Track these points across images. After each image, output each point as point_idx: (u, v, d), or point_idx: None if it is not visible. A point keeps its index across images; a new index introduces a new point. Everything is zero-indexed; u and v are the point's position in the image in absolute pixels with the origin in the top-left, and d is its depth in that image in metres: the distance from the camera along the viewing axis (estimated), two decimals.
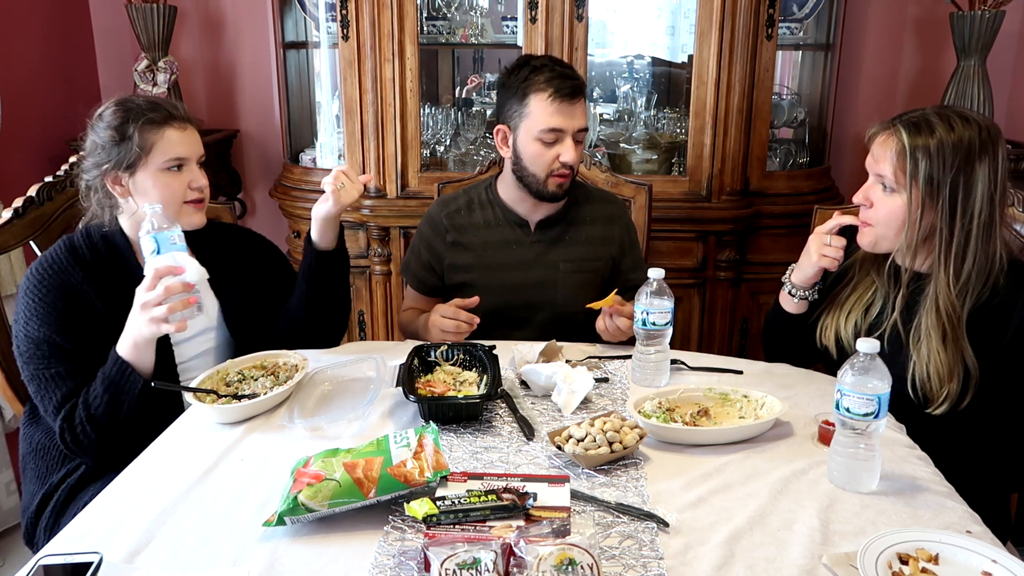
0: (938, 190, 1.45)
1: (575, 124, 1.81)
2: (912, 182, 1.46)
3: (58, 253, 1.59)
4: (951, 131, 1.44)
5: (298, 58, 3.09)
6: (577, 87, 1.80)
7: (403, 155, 2.67)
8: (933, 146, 1.44)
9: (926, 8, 3.04)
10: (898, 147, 1.47)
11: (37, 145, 2.80)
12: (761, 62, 2.58)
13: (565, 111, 1.79)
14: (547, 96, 1.78)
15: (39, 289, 1.54)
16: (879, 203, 1.52)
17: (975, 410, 1.49)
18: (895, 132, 1.48)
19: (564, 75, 1.80)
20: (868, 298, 1.63)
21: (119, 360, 1.46)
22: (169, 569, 1.05)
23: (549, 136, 1.81)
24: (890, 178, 1.48)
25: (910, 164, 1.45)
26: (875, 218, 1.53)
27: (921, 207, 1.46)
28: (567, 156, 1.81)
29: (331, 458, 1.18)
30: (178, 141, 1.59)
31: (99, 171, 1.58)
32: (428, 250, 1.98)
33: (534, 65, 1.83)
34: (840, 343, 1.64)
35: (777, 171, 2.80)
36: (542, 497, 1.14)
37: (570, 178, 1.86)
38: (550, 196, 1.87)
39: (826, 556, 1.06)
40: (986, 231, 1.46)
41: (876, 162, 1.51)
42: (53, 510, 1.54)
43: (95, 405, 1.46)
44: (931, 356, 1.48)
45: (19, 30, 2.76)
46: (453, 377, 1.59)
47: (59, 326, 1.51)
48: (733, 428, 1.38)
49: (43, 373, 1.51)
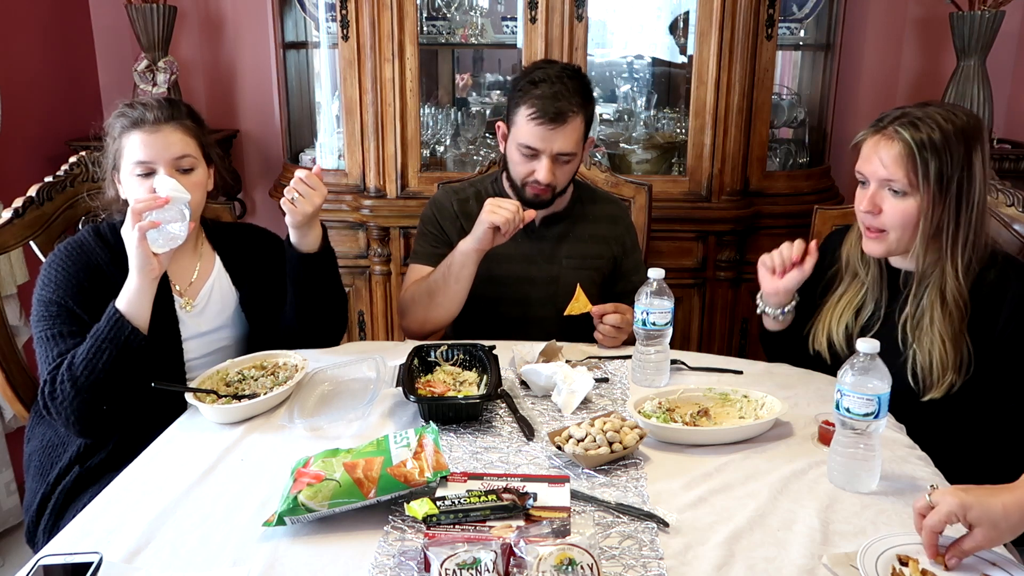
0: (947, 185, 1.45)
1: (552, 147, 1.79)
2: (924, 182, 1.45)
3: (86, 236, 1.61)
4: (948, 123, 1.44)
5: (298, 58, 3.09)
6: (560, 113, 1.77)
7: (403, 155, 2.67)
8: (939, 141, 1.43)
9: (926, 8, 3.03)
10: (904, 149, 1.45)
11: (37, 145, 2.80)
12: (761, 62, 2.58)
13: (541, 134, 1.78)
14: (528, 115, 1.78)
15: (64, 262, 1.55)
16: (891, 209, 1.49)
17: (965, 398, 1.51)
18: (894, 135, 1.46)
19: (555, 96, 1.77)
20: (858, 300, 1.64)
21: (111, 309, 1.47)
22: (169, 569, 1.05)
23: (526, 151, 1.81)
24: (902, 181, 1.46)
25: (920, 163, 1.44)
26: (889, 223, 1.50)
27: (932, 205, 1.46)
28: (539, 175, 1.81)
29: (331, 458, 1.18)
30: (142, 145, 1.55)
31: (103, 170, 1.62)
32: (437, 228, 1.97)
33: (533, 78, 1.81)
34: (832, 347, 1.64)
35: (777, 171, 2.80)
36: (542, 497, 1.14)
37: (549, 192, 1.86)
38: (527, 202, 1.87)
39: (826, 556, 1.06)
40: (983, 217, 1.49)
41: (881, 167, 1.48)
42: (53, 510, 1.54)
43: (79, 355, 1.45)
44: (935, 345, 1.49)
45: (19, 30, 2.76)
46: (453, 377, 1.59)
47: (75, 293, 1.52)
48: (733, 428, 1.38)
49: (47, 332, 1.50)
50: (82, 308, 1.51)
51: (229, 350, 1.70)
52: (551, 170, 1.81)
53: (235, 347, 1.72)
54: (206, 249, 1.73)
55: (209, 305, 1.68)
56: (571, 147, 1.82)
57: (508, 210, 1.72)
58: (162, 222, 1.48)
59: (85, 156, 1.87)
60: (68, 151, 2.56)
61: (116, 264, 1.56)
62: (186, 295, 1.65)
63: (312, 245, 1.69)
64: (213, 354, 1.68)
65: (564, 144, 1.80)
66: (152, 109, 1.58)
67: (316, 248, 1.70)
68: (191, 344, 1.64)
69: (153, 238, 1.47)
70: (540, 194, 1.85)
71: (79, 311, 1.51)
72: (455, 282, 1.80)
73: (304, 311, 1.72)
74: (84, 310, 1.51)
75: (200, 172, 1.62)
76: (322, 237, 1.71)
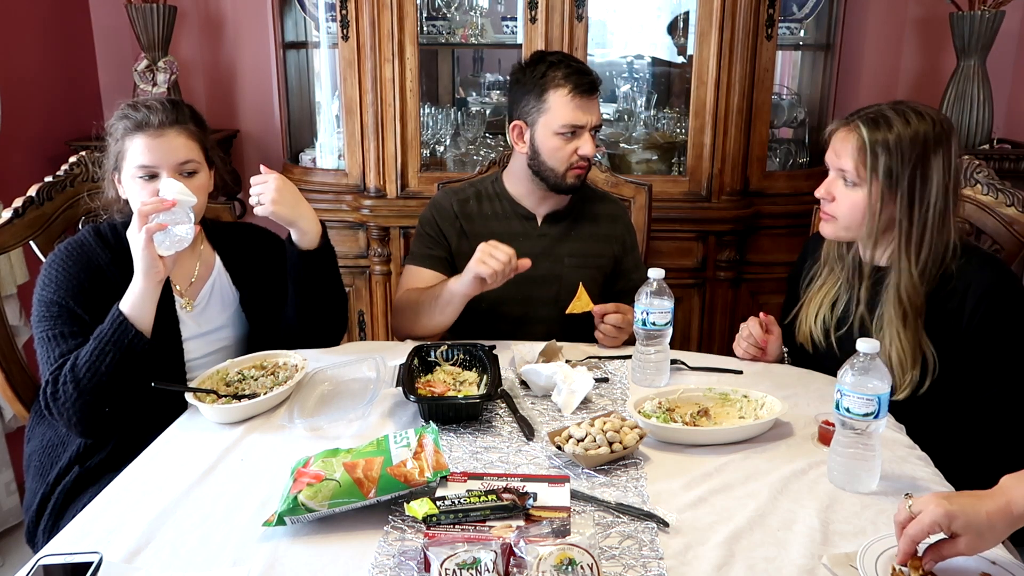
0: (897, 183, 1.51)
1: (593, 119, 1.85)
2: (872, 176, 1.52)
3: (86, 237, 1.61)
4: (907, 126, 1.51)
5: (298, 58, 3.08)
6: (594, 83, 1.84)
7: (403, 155, 2.67)
8: (892, 141, 1.50)
9: (926, 8, 3.03)
10: (858, 143, 1.52)
11: (37, 145, 2.80)
12: (761, 62, 2.58)
13: (584, 107, 1.82)
14: (566, 92, 1.81)
15: (65, 262, 1.55)
16: (841, 197, 1.57)
17: (935, 395, 1.53)
18: (855, 128, 1.53)
19: (581, 71, 1.83)
20: (833, 293, 1.69)
21: (115, 311, 1.46)
22: (169, 569, 1.05)
23: (568, 131, 1.83)
24: (852, 172, 1.54)
25: (870, 158, 1.51)
26: (838, 211, 1.58)
27: (881, 199, 1.53)
28: (585, 149, 1.84)
29: (331, 458, 1.18)
30: (146, 149, 1.54)
31: (103, 170, 1.62)
32: (435, 230, 1.97)
33: (550, 61, 1.84)
34: (812, 338, 1.70)
35: (777, 171, 2.80)
36: (542, 497, 1.14)
37: (587, 169, 1.90)
38: (568, 188, 1.90)
39: (826, 556, 1.06)
40: (941, 220, 1.53)
41: (837, 157, 1.56)
42: (53, 510, 1.54)
43: (82, 356, 1.45)
44: (893, 344, 1.53)
45: (19, 30, 2.76)
46: (453, 377, 1.59)
47: (76, 293, 1.52)
48: (733, 428, 1.38)
49: (48, 333, 1.50)
50: (83, 308, 1.51)
51: (229, 350, 1.70)
52: (593, 142, 1.85)
53: (235, 347, 1.72)
54: (206, 249, 1.73)
55: (209, 305, 1.68)
56: (601, 118, 1.89)
57: (499, 260, 1.68)
58: (168, 224, 1.48)
59: (85, 156, 1.87)
60: (68, 151, 2.56)
61: (117, 264, 1.56)
62: (186, 295, 1.65)
63: (312, 242, 1.69)
64: (213, 354, 1.68)
65: (599, 114, 1.88)
66: (156, 112, 1.56)
67: (316, 245, 1.69)
68: (191, 344, 1.64)
69: (159, 240, 1.47)
70: (582, 173, 1.89)
71: (80, 311, 1.51)
72: (439, 313, 1.81)
73: (305, 310, 1.72)
74: (85, 310, 1.51)
75: (203, 176, 1.61)
76: (322, 235, 1.71)
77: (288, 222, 1.66)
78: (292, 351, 1.63)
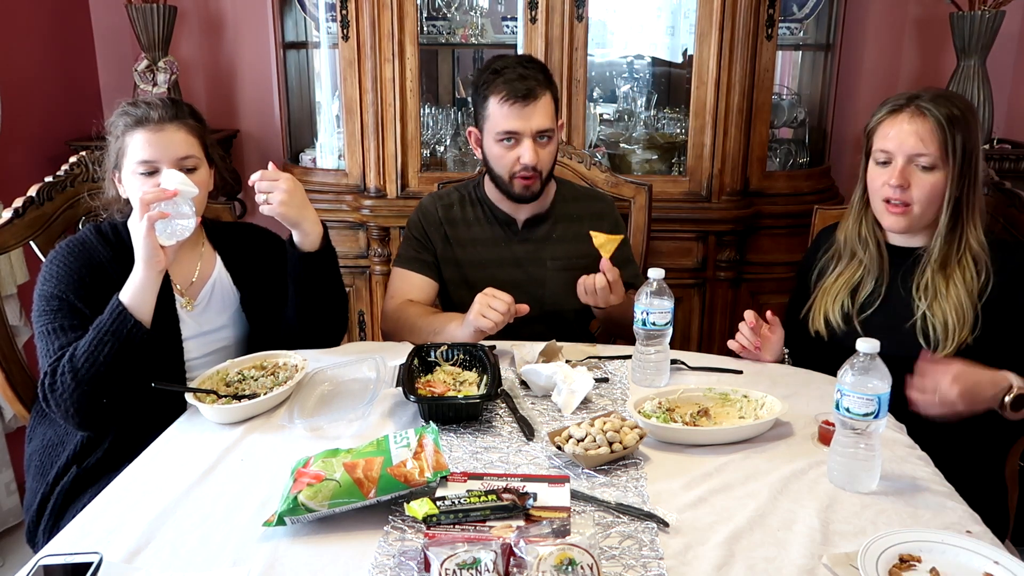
0: (969, 158, 1.54)
1: (530, 126, 1.79)
2: (952, 156, 1.53)
3: (87, 235, 1.61)
4: (955, 104, 1.55)
5: (298, 58, 3.09)
6: (531, 89, 1.77)
7: (403, 155, 2.67)
8: (961, 119, 1.53)
9: (926, 8, 3.03)
10: (935, 124, 1.53)
11: (37, 145, 2.80)
12: (761, 62, 2.58)
13: (518, 113, 1.78)
14: (500, 98, 1.78)
15: (66, 258, 1.55)
16: (919, 183, 1.57)
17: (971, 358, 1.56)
18: (923, 111, 1.55)
19: (522, 76, 1.78)
20: (855, 280, 1.70)
21: (115, 301, 1.46)
22: (169, 569, 1.05)
23: (506, 138, 1.81)
24: (933, 155, 1.54)
25: (949, 138, 1.53)
26: (916, 197, 1.58)
27: (956, 178, 1.55)
28: (526, 158, 1.80)
29: (331, 458, 1.18)
30: (146, 144, 1.55)
31: (103, 169, 1.62)
32: (421, 234, 1.96)
33: (495, 68, 1.82)
34: (829, 325, 1.71)
35: (777, 171, 2.80)
36: (542, 497, 1.14)
37: (537, 180, 1.84)
38: (517, 197, 1.87)
39: (826, 556, 1.06)
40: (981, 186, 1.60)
41: (919, 142, 1.55)
42: (53, 510, 1.54)
43: (80, 347, 1.45)
44: (951, 307, 1.57)
45: (19, 30, 2.76)
46: (453, 377, 1.59)
47: (76, 288, 1.52)
48: (733, 428, 1.38)
49: (48, 326, 1.50)
50: (83, 303, 1.51)
51: (229, 350, 1.70)
52: (535, 150, 1.80)
53: (235, 347, 1.72)
54: (207, 249, 1.73)
55: (210, 305, 1.68)
56: (548, 123, 1.82)
57: (498, 312, 1.66)
58: (170, 213, 1.48)
59: (85, 156, 1.87)
60: (68, 151, 2.56)
61: (118, 262, 1.56)
62: (187, 295, 1.65)
63: (313, 243, 1.68)
64: (213, 354, 1.68)
65: (541, 121, 1.80)
66: (156, 108, 1.57)
67: (317, 247, 1.69)
68: (191, 344, 1.64)
69: (160, 230, 1.47)
70: (529, 184, 1.84)
71: (80, 305, 1.51)
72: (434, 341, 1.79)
73: (305, 310, 1.72)
74: (85, 304, 1.51)
75: (203, 172, 1.62)
76: (323, 236, 1.71)
77: (292, 223, 1.66)
78: (292, 351, 1.63)
